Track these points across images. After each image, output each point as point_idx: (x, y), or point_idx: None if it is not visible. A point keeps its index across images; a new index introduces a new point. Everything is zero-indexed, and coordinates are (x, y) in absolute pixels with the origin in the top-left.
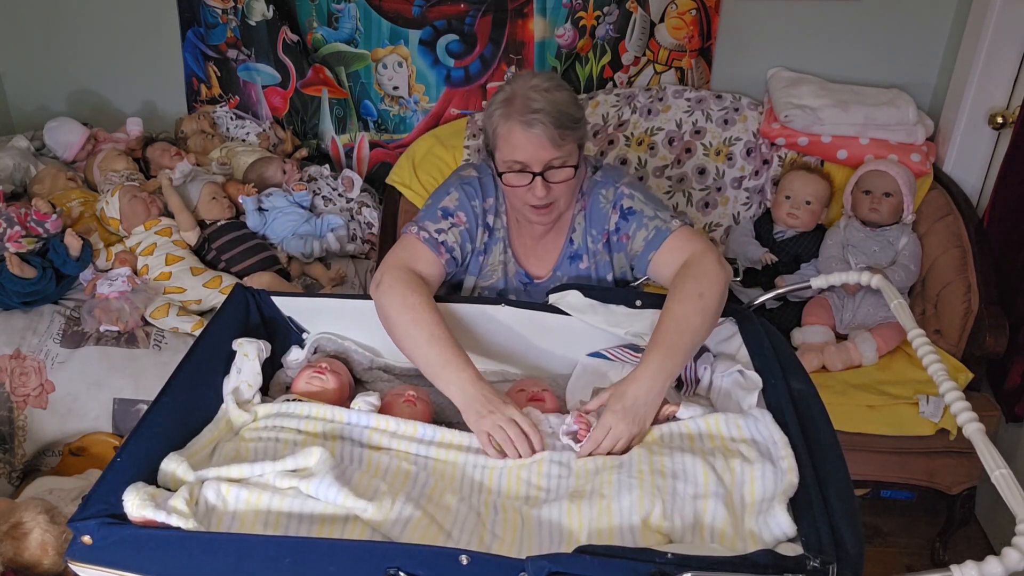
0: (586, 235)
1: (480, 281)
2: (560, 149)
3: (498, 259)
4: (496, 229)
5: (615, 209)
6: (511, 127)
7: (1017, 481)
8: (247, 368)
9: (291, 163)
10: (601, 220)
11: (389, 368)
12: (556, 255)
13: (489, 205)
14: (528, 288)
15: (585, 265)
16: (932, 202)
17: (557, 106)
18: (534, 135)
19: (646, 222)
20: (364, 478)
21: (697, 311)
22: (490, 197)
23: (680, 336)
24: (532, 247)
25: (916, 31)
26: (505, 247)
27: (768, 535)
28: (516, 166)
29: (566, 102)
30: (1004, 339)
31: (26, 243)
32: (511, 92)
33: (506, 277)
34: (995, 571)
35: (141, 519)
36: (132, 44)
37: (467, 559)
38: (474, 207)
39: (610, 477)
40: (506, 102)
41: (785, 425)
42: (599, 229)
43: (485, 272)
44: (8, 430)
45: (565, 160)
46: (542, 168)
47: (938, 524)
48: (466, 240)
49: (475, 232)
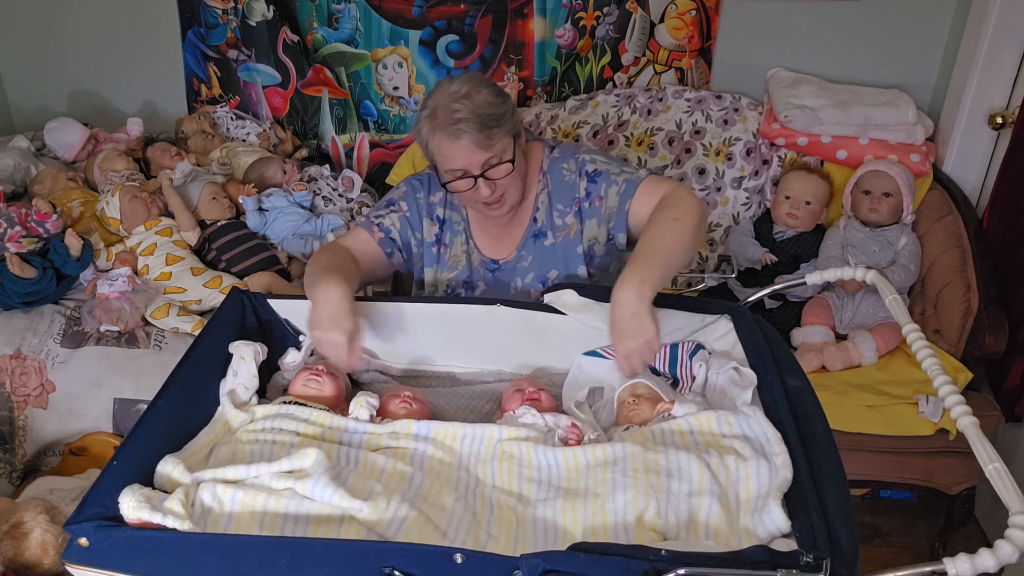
0: (551, 211)
1: (444, 273)
2: (491, 150)
3: (460, 249)
4: (454, 222)
5: (581, 176)
6: (439, 140)
7: (1011, 475)
8: (243, 371)
9: (291, 163)
10: (569, 190)
11: (385, 370)
12: (520, 236)
13: (438, 199)
14: (495, 273)
15: (550, 241)
16: (932, 202)
17: (478, 110)
18: (463, 144)
19: (614, 178)
20: (359, 479)
21: (671, 231)
22: (439, 191)
23: (655, 251)
24: (497, 235)
25: (916, 31)
26: (467, 238)
27: (763, 531)
28: (457, 173)
29: (486, 103)
30: (1004, 339)
31: (26, 243)
32: (433, 105)
33: (471, 266)
34: (987, 563)
35: (137, 521)
36: (132, 44)
37: (462, 558)
38: (418, 199)
39: (604, 475)
40: (431, 117)
41: (780, 421)
42: (567, 201)
43: (448, 264)
44: (8, 430)
45: (501, 157)
46: (481, 170)
47: (938, 524)
48: (406, 227)
49: (418, 222)
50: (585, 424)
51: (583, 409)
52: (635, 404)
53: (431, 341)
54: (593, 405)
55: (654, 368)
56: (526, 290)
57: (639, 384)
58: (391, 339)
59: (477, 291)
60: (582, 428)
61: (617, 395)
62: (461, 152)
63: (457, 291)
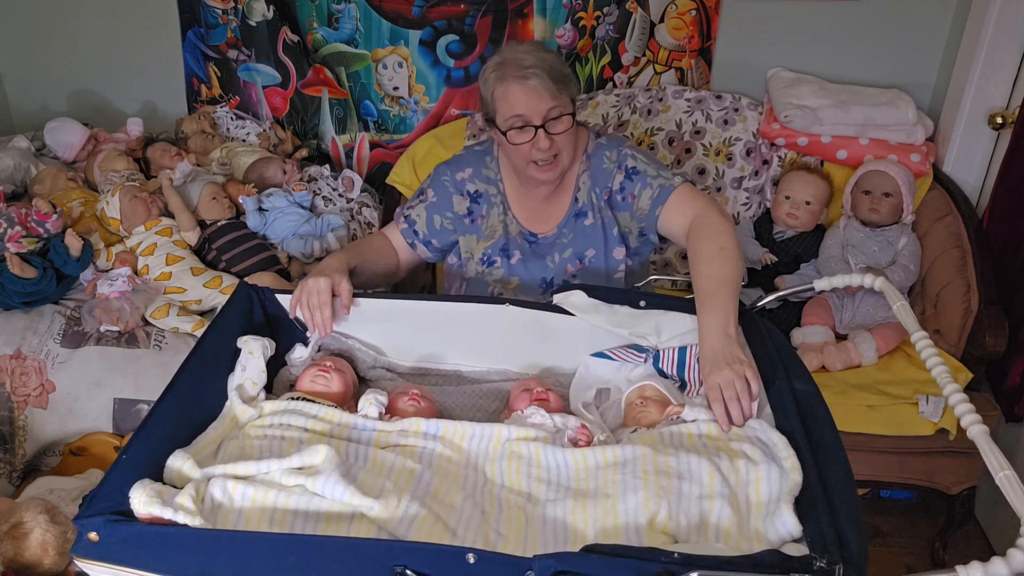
0: (591, 192)
1: (482, 242)
2: (557, 99)
3: (497, 220)
4: (489, 195)
5: (620, 169)
6: (508, 86)
7: (1021, 482)
8: (252, 365)
9: (291, 163)
10: (605, 178)
11: (393, 367)
12: (561, 214)
13: (467, 174)
14: (533, 245)
15: (590, 221)
16: (932, 202)
17: (547, 62)
18: (531, 87)
19: (650, 181)
20: (369, 476)
21: (724, 262)
22: (468, 168)
23: (720, 287)
24: (535, 210)
25: (916, 31)
26: (504, 209)
27: (774, 535)
28: (518, 122)
29: (556, 60)
30: (1004, 339)
31: (27, 243)
32: (501, 58)
33: (508, 236)
34: (1000, 572)
35: (147, 516)
36: (132, 44)
37: (474, 557)
38: (444, 181)
39: (614, 477)
40: (499, 65)
41: (788, 425)
42: (602, 187)
43: (485, 233)
44: (8, 430)
45: (563, 110)
46: (542, 120)
47: (938, 524)
48: (433, 212)
49: (447, 201)
50: (594, 425)
51: (590, 410)
52: (643, 406)
53: (439, 339)
54: (600, 406)
55: (662, 371)
56: (563, 265)
57: (647, 386)
58: (399, 336)
59: (513, 260)
60: (591, 429)
61: (625, 397)
62: (527, 96)
63: (493, 258)
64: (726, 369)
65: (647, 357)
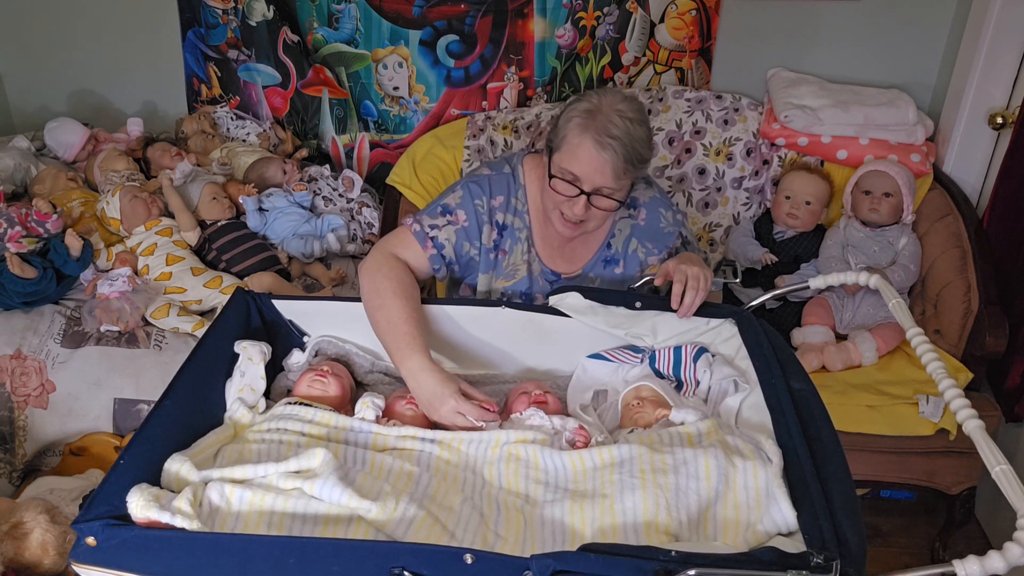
0: (629, 242)
1: (501, 280)
2: (618, 182)
3: (521, 258)
4: (516, 229)
5: (678, 237)
6: (583, 140)
7: (1017, 476)
8: (251, 371)
9: (291, 163)
10: (663, 239)
11: (390, 371)
12: (589, 255)
13: (499, 203)
14: (554, 284)
15: (620, 270)
16: (932, 202)
17: (633, 139)
18: (603, 158)
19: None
20: (367, 479)
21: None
22: (500, 195)
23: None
24: (559, 248)
25: (916, 31)
26: (529, 246)
27: (770, 523)
28: (569, 176)
29: (642, 141)
30: (1004, 339)
31: (27, 243)
32: (596, 105)
33: (531, 276)
34: (997, 565)
35: (145, 520)
36: (132, 44)
37: (472, 558)
38: (477, 206)
39: (611, 477)
40: (588, 114)
41: (786, 424)
42: (660, 247)
43: (506, 271)
44: (9, 430)
45: (615, 192)
46: (591, 189)
47: (938, 524)
48: (463, 239)
49: (476, 231)
50: (592, 427)
51: (588, 412)
52: (640, 407)
53: (435, 342)
54: (598, 408)
55: (658, 371)
56: None
57: (644, 387)
58: None
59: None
60: (589, 430)
61: (622, 398)
62: (592, 163)
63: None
64: (696, 267)
65: (643, 358)
